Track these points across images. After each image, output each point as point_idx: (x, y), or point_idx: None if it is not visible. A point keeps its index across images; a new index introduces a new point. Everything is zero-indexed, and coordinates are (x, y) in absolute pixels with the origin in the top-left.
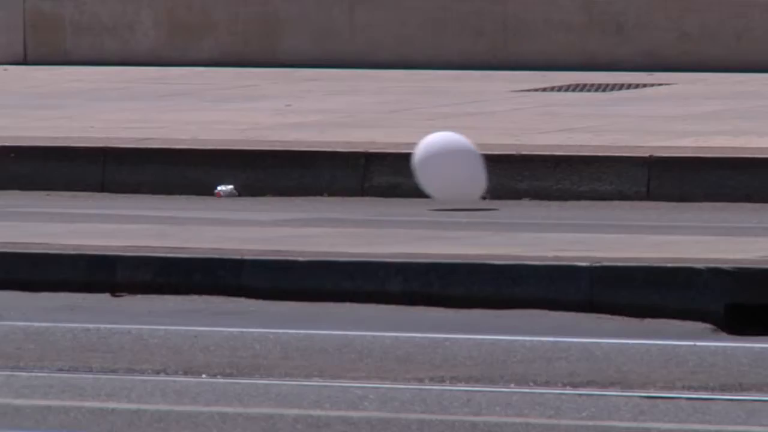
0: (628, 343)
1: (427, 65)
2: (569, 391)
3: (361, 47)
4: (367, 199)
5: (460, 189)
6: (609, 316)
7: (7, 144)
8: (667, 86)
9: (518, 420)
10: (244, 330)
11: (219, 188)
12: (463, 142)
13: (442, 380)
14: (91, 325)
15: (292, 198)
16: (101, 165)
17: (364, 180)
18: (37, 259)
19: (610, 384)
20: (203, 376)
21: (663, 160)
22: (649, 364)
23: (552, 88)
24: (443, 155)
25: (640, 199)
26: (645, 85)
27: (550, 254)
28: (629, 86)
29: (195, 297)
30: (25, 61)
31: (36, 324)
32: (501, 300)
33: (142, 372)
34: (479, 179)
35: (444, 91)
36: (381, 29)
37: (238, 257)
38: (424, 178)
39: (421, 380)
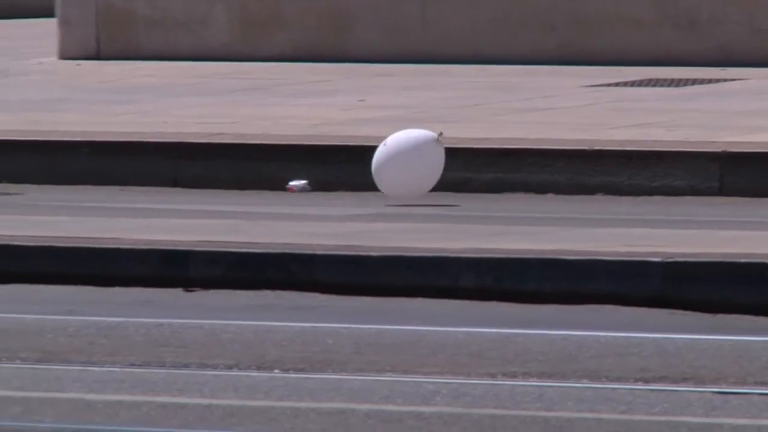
0: (700, 339)
1: (499, 60)
2: (641, 386)
3: (433, 42)
4: (438, 193)
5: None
6: (681, 312)
7: (80, 139)
8: (740, 81)
9: (590, 415)
10: (317, 325)
11: (291, 183)
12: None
13: (514, 375)
14: (163, 320)
15: (365, 193)
16: (174, 160)
17: None
18: (110, 254)
19: (683, 379)
20: (275, 371)
21: (736, 156)
22: (721, 360)
23: (624, 84)
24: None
25: (713, 194)
26: (718, 81)
27: (623, 249)
28: (702, 81)
29: (267, 292)
30: (97, 57)
31: (108, 319)
32: (573, 295)
33: (215, 367)
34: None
35: (515, 86)
36: (453, 24)
37: (311, 252)
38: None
39: (493, 375)
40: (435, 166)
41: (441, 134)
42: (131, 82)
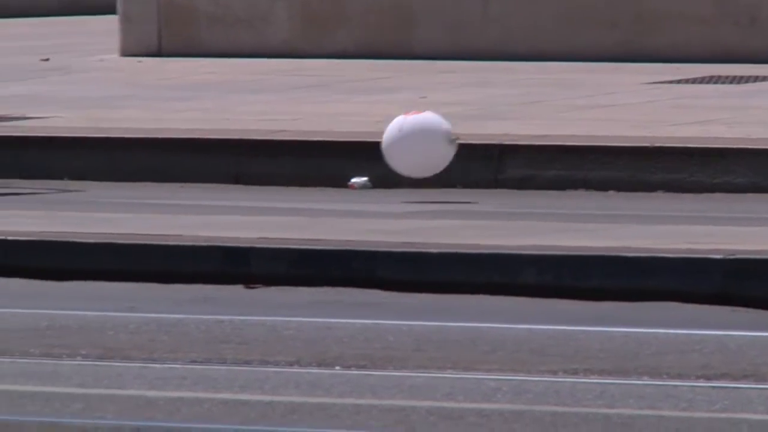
0: (762, 336)
1: (560, 57)
2: (702, 383)
3: (494, 39)
4: (500, 190)
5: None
6: (743, 309)
7: (141, 136)
8: None
9: (651, 413)
10: (378, 322)
11: (353, 180)
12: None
13: (575, 372)
14: (224, 317)
15: (426, 190)
16: (235, 157)
17: (497, 172)
18: (171, 251)
19: (744, 377)
20: (336, 367)
21: None
22: None
23: (685, 81)
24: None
25: None
26: None
27: (684, 246)
28: (763, 78)
29: (328, 289)
30: (159, 54)
31: (169, 316)
32: (634, 292)
33: (276, 364)
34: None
35: (577, 83)
36: (514, 21)
37: (372, 249)
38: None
39: (554, 372)
40: (440, 161)
41: (457, 138)
42: (192, 79)
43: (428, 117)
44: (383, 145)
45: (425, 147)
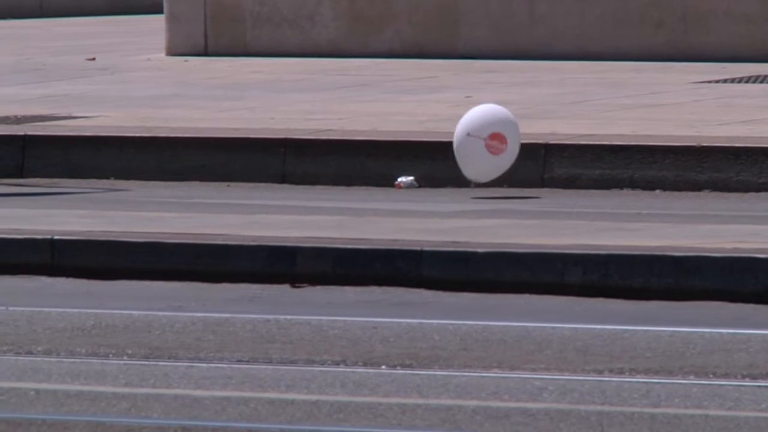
0: None
1: (606, 56)
2: (748, 382)
3: (541, 38)
4: (546, 190)
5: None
6: None
7: (188, 135)
8: None
9: (697, 412)
10: (423, 321)
11: (399, 179)
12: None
13: (621, 372)
14: (270, 316)
15: (472, 189)
16: (282, 156)
17: (543, 171)
18: (218, 250)
19: None
20: (382, 367)
21: None
22: None
23: (732, 80)
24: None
25: None
26: None
27: (730, 246)
28: None
29: (374, 288)
30: (205, 53)
31: (215, 315)
32: (680, 291)
33: (322, 363)
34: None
35: (623, 82)
36: (560, 20)
37: (417, 248)
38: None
39: (600, 372)
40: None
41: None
42: (238, 78)
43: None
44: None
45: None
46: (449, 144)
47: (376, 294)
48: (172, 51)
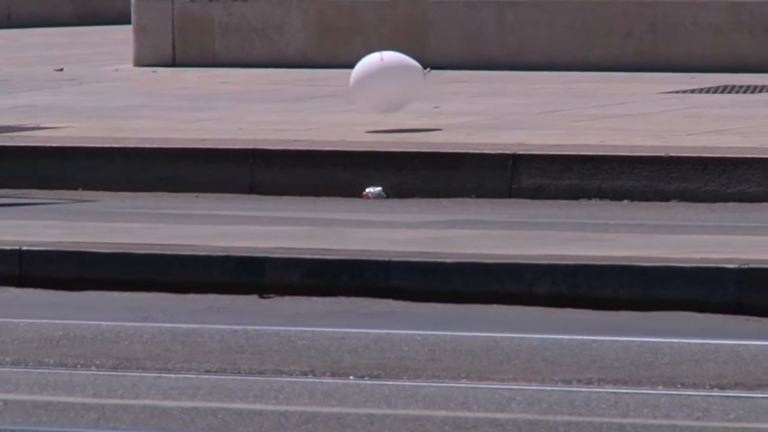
0: None
1: (575, 67)
2: (717, 393)
3: (510, 49)
4: (514, 200)
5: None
6: (757, 318)
7: (156, 146)
8: None
9: (666, 422)
10: (392, 331)
11: (367, 190)
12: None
13: (589, 382)
14: (238, 327)
15: (440, 200)
16: (250, 167)
17: (511, 181)
18: (185, 261)
19: (758, 386)
20: (351, 377)
21: None
22: None
23: (700, 90)
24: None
25: None
26: None
27: (698, 256)
28: None
29: (342, 298)
30: (173, 64)
31: (184, 326)
32: (648, 302)
33: (290, 374)
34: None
35: (591, 92)
36: (529, 31)
37: (386, 259)
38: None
39: (568, 382)
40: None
41: (428, 70)
42: (207, 89)
43: (402, 55)
44: (360, 79)
45: (404, 79)
46: (418, 155)
47: (345, 304)
48: (140, 62)
